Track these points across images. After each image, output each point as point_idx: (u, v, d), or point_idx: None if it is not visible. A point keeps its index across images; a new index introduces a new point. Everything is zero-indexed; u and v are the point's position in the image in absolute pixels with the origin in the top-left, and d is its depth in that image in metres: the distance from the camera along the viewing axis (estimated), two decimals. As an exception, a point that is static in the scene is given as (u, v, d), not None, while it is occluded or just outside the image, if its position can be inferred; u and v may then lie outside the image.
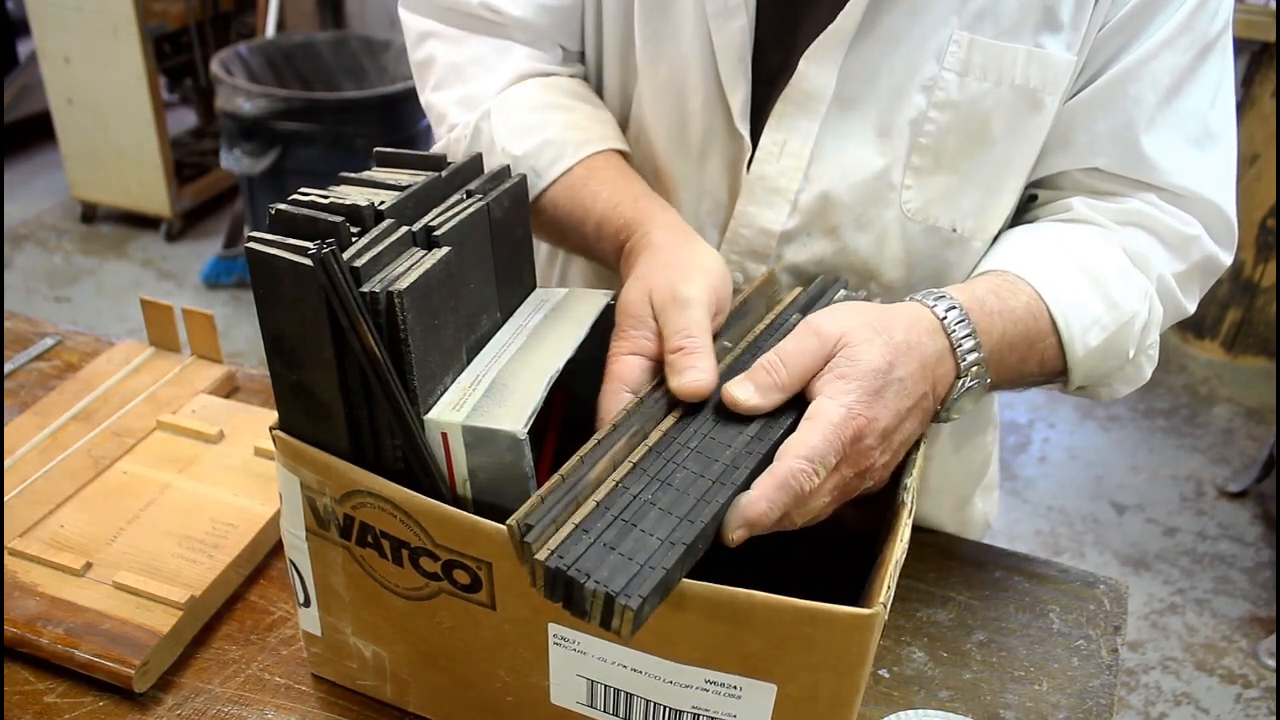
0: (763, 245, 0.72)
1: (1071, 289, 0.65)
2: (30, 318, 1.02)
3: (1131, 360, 0.68)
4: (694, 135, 0.72)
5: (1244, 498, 2.34)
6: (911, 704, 0.67)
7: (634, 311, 0.58)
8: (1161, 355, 0.72)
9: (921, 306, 0.59)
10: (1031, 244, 0.69)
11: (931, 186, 0.69)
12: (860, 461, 0.52)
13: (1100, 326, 0.65)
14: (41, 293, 2.86)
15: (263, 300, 0.51)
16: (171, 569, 0.70)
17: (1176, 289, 0.71)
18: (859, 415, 0.52)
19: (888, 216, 0.70)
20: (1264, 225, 2.70)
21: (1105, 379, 0.69)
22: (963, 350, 0.58)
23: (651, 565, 0.44)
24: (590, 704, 0.55)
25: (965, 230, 0.71)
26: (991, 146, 0.68)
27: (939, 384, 0.57)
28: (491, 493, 0.53)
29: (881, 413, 0.53)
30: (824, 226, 0.71)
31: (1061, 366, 0.66)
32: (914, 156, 0.68)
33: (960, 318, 0.59)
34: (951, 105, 0.67)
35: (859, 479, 0.53)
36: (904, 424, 0.55)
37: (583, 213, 0.69)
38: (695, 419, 0.53)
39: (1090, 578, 0.78)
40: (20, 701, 0.63)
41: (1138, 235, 0.69)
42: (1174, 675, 1.89)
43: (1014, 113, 0.67)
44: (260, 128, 2.51)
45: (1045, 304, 0.64)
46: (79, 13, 2.78)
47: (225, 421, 0.85)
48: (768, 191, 0.71)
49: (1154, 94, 0.66)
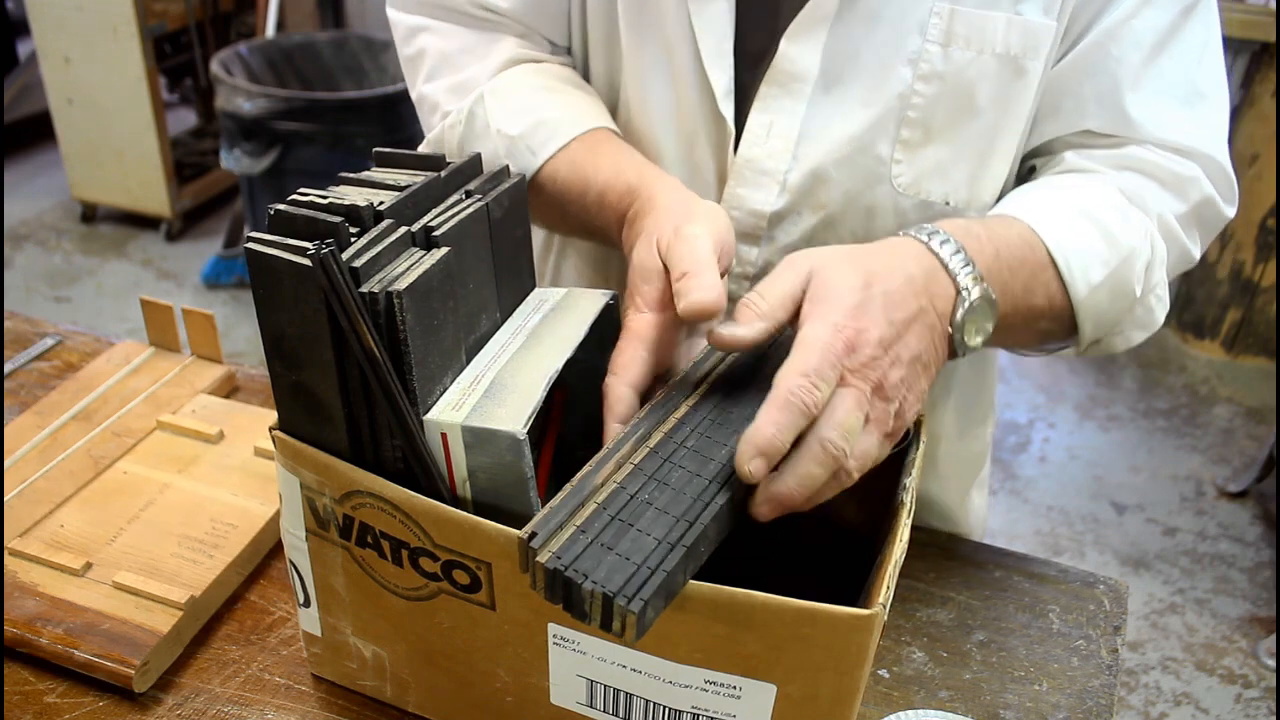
0: (753, 226, 0.72)
1: (1068, 227, 0.64)
2: (30, 318, 1.02)
3: (1140, 300, 0.67)
4: (682, 120, 0.72)
5: (1244, 498, 2.34)
6: (911, 704, 0.67)
7: (645, 265, 0.58)
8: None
9: (903, 237, 0.59)
10: (1024, 192, 0.69)
11: (922, 160, 0.69)
12: (870, 374, 0.51)
13: (1101, 262, 0.64)
14: (41, 293, 2.86)
15: (263, 300, 0.51)
16: (171, 569, 0.70)
17: (1179, 229, 0.70)
18: (845, 327, 0.51)
19: (879, 192, 0.70)
20: (1264, 225, 2.70)
21: (1116, 325, 0.68)
22: (954, 266, 0.57)
23: (649, 566, 0.44)
24: (590, 704, 0.55)
25: (958, 202, 0.71)
26: (979, 116, 0.68)
27: (937, 300, 0.56)
28: (491, 493, 0.53)
29: (869, 323, 0.52)
30: (814, 205, 0.71)
31: (1069, 311, 0.65)
32: (903, 130, 0.69)
33: (944, 239, 0.58)
34: (937, 77, 0.67)
35: (883, 400, 0.52)
36: (906, 336, 0.53)
37: (583, 184, 0.69)
38: (694, 419, 0.53)
39: (1090, 578, 0.78)
40: (20, 701, 0.63)
41: (1134, 178, 0.69)
42: (1174, 675, 1.89)
43: (998, 81, 0.67)
44: (260, 128, 2.51)
45: (1041, 239, 0.63)
46: (79, 13, 2.78)
47: (225, 421, 0.85)
48: (756, 173, 0.71)
49: (1137, 53, 0.67)
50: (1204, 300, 2.85)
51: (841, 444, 0.49)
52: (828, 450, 0.49)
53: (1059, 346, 0.71)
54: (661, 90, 0.72)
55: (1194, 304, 2.88)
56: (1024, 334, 0.67)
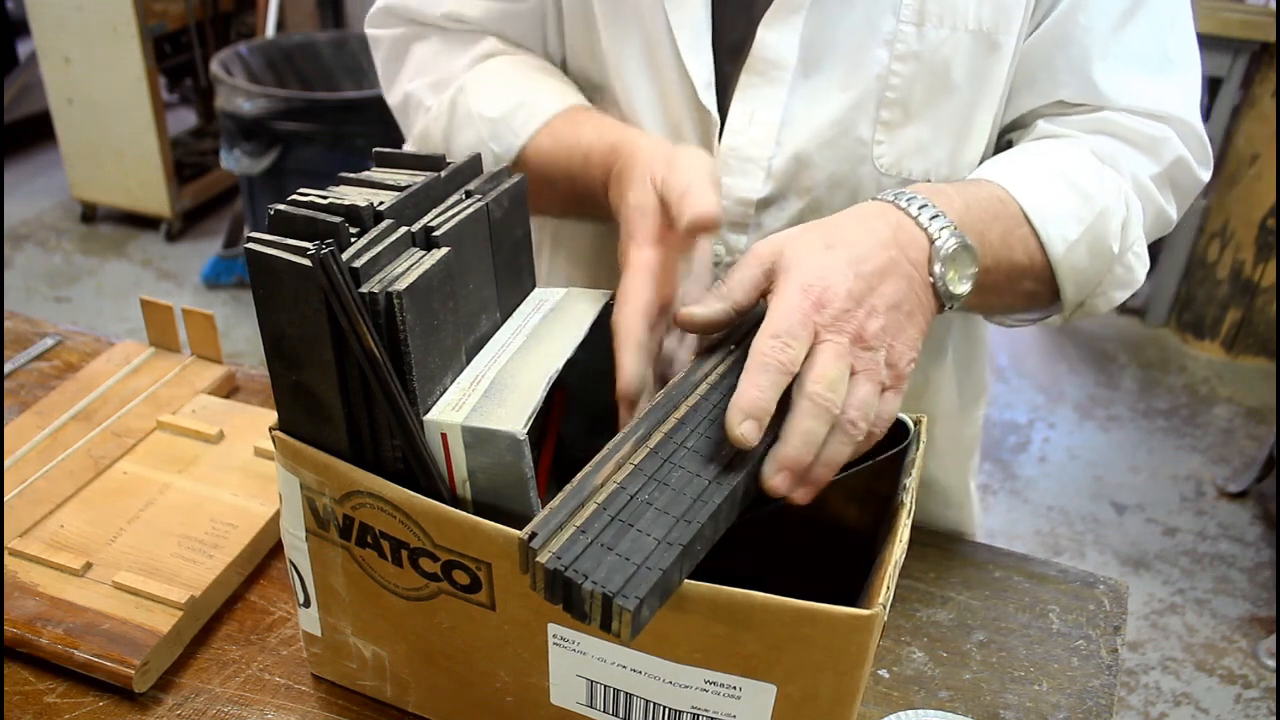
0: (741, 215, 0.73)
1: (1041, 186, 0.65)
2: (30, 318, 1.02)
3: (1119, 258, 0.68)
4: (667, 114, 0.74)
5: (1244, 498, 2.34)
6: (911, 704, 0.67)
7: (641, 204, 0.60)
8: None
9: (867, 202, 0.60)
10: (996, 159, 0.70)
11: (902, 139, 0.70)
12: (844, 327, 0.51)
13: (1077, 219, 0.65)
14: (41, 293, 2.86)
15: (262, 301, 0.51)
16: (171, 569, 0.70)
17: (1154, 189, 0.71)
18: (810, 286, 0.52)
19: (862, 173, 0.71)
20: (1264, 225, 2.70)
21: (1098, 285, 0.69)
22: (923, 219, 0.58)
23: (649, 566, 0.44)
24: (590, 704, 0.55)
25: (939, 178, 0.72)
26: (956, 92, 0.69)
27: (909, 250, 0.56)
28: (491, 493, 0.53)
29: (836, 278, 0.52)
30: (799, 190, 0.72)
31: (1049, 270, 0.66)
32: (882, 111, 0.70)
33: (910, 196, 0.59)
34: (913, 56, 0.68)
35: (866, 349, 0.52)
36: (880, 287, 0.54)
37: (568, 150, 0.70)
38: (694, 419, 0.53)
39: (1090, 578, 0.78)
40: (20, 701, 0.63)
41: (1106, 140, 0.70)
42: (1174, 675, 1.89)
43: (973, 56, 0.68)
44: (260, 128, 2.51)
45: (1013, 197, 0.64)
46: (79, 13, 2.78)
47: (225, 421, 0.85)
48: (741, 161, 0.72)
49: (1105, 20, 0.68)
50: (1204, 300, 2.85)
51: (828, 394, 0.50)
52: (815, 402, 0.49)
53: (1044, 314, 0.72)
54: (644, 85, 0.73)
55: (1194, 304, 2.88)
56: (1009, 294, 0.68)
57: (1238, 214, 2.74)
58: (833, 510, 0.68)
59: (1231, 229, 2.75)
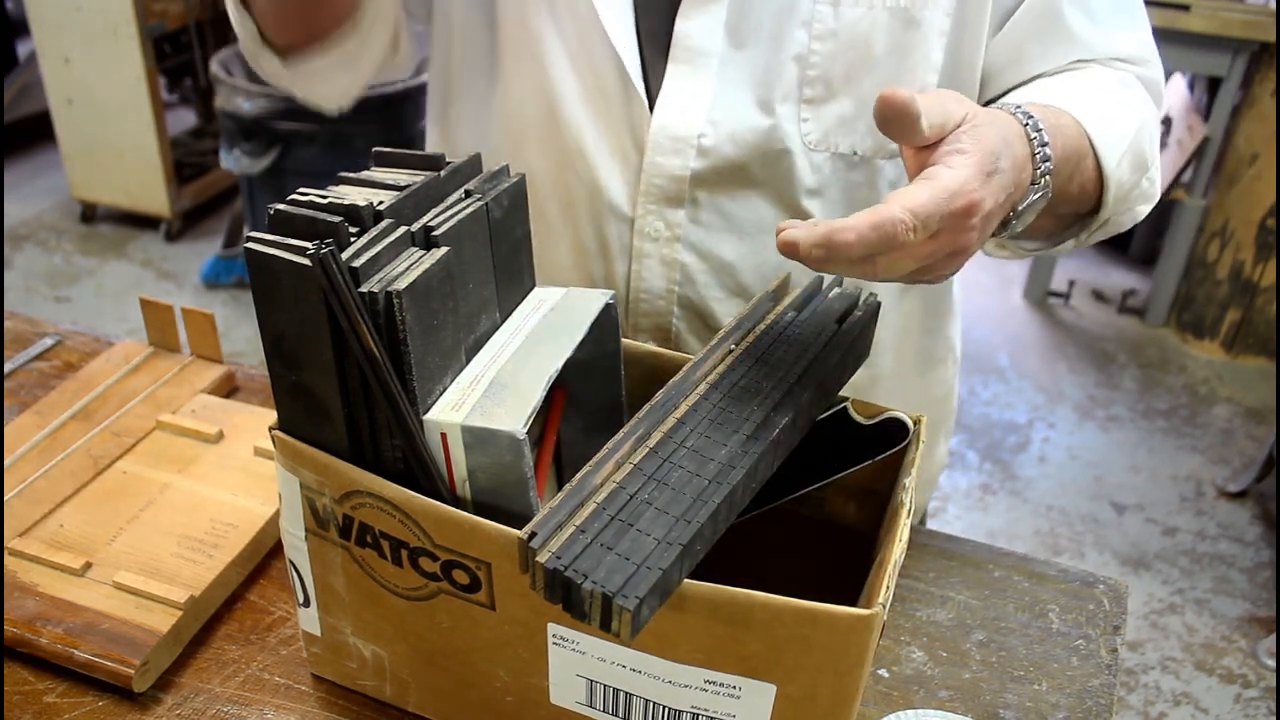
0: (676, 191, 0.75)
1: (1096, 106, 0.68)
2: (30, 318, 1.02)
3: (1147, 171, 0.72)
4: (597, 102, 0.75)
5: (1244, 498, 2.34)
6: (911, 704, 0.67)
7: None
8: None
9: (1008, 115, 0.60)
10: (1037, 84, 0.73)
11: (827, 115, 0.73)
12: (958, 239, 0.52)
13: (1121, 135, 0.68)
14: (41, 293, 2.86)
15: (262, 300, 0.51)
16: (171, 569, 0.70)
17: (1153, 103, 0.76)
18: (973, 191, 0.51)
19: (791, 149, 0.73)
20: (1264, 225, 2.70)
21: (1128, 199, 0.72)
22: (1040, 158, 0.59)
23: (648, 565, 0.44)
24: (590, 704, 0.55)
25: (865, 150, 0.74)
26: (876, 67, 0.71)
27: (1019, 189, 0.57)
28: (491, 493, 0.53)
29: (988, 196, 0.53)
30: (731, 167, 0.74)
31: (1093, 196, 0.69)
32: (805, 89, 0.72)
33: (1038, 127, 0.60)
34: (831, 35, 0.70)
35: (949, 259, 0.53)
36: (996, 216, 0.55)
37: None
38: (694, 419, 0.53)
39: (1090, 577, 0.78)
40: (20, 701, 0.63)
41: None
42: (1173, 675, 1.89)
43: (891, 32, 0.70)
44: (260, 128, 2.51)
45: (1086, 131, 0.66)
46: (79, 13, 2.78)
47: (225, 421, 0.85)
48: (671, 139, 0.74)
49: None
50: (1204, 300, 2.85)
51: (880, 273, 0.51)
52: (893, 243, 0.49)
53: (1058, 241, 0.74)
54: (571, 78, 0.75)
55: (1194, 304, 2.88)
56: (1044, 219, 0.68)
57: (1237, 214, 2.74)
58: (832, 509, 0.68)
59: (1231, 229, 2.76)
